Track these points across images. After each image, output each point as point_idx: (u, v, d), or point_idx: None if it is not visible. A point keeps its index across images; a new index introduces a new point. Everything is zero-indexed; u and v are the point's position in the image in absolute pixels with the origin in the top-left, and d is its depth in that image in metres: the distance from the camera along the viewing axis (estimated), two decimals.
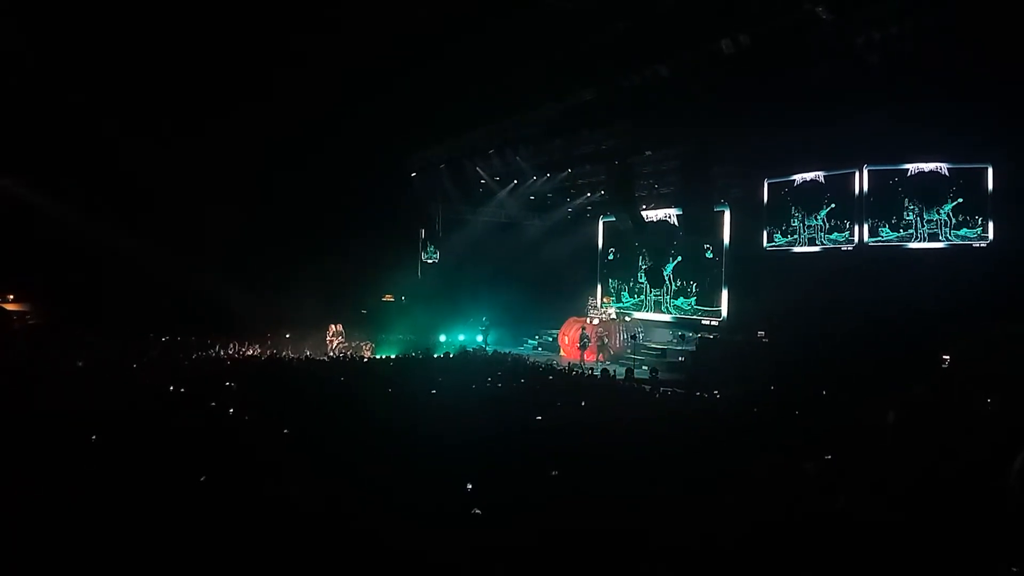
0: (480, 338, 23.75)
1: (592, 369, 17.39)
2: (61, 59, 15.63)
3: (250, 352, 18.92)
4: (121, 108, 17.25)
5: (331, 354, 20.07)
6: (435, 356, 18.33)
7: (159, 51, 16.00)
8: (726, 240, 21.27)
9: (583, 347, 20.73)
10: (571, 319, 23.16)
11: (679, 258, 22.81)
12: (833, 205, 17.50)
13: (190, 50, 16.12)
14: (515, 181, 23.71)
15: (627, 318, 23.40)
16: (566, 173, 22.40)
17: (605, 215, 25.55)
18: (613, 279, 25.65)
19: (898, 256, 16.22)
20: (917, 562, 3.82)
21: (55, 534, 4.16)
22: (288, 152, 20.19)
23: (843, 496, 4.91)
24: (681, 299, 22.61)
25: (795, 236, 18.33)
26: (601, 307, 23.86)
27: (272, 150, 20.08)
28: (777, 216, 18.76)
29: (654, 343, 22.21)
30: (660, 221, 23.47)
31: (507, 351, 18.99)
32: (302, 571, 3.87)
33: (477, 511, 4.54)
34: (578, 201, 25.44)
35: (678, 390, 13.47)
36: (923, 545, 4.02)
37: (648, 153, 19.48)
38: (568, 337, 22.24)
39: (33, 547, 4.00)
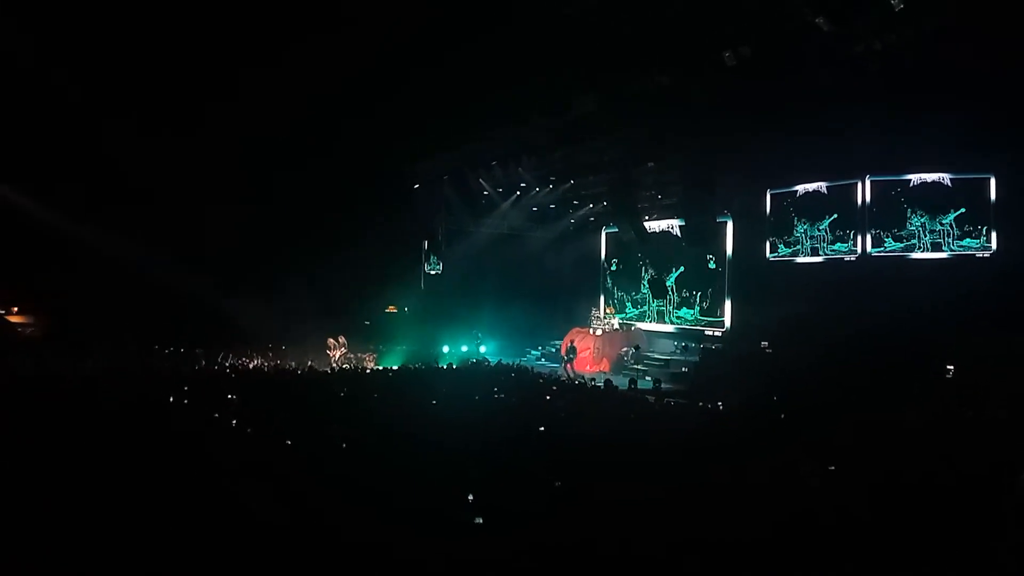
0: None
1: (594, 380, 17.33)
2: (59, 60, 15.59)
3: (253, 363, 18.91)
4: (123, 114, 17.25)
5: (334, 365, 20.05)
6: (438, 367, 18.26)
7: (163, 57, 16.02)
8: (729, 251, 21.25)
9: (570, 359, 20.69)
10: (574, 329, 23.12)
11: (682, 268, 22.80)
12: (836, 215, 17.49)
13: (194, 56, 16.15)
14: (518, 192, 23.77)
15: (630, 329, 23.34)
16: (569, 184, 22.43)
17: (608, 226, 25.55)
18: (616, 290, 25.62)
19: (901, 266, 16.18)
20: (917, 570, 3.79)
21: (52, 537, 4.17)
22: (292, 165, 20.26)
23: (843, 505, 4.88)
24: (684, 309, 22.58)
25: (798, 246, 18.31)
26: (604, 318, 23.80)
27: (276, 163, 20.17)
28: (780, 227, 18.75)
29: (657, 354, 22.14)
30: (663, 232, 23.47)
31: (510, 362, 18.94)
32: None
33: (479, 520, 4.52)
34: (581, 212, 25.45)
35: (681, 400, 13.42)
36: (925, 554, 3.99)
37: (651, 164, 19.50)
38: (577, 347, 22.10)
39: (31, 549, 4.01)
